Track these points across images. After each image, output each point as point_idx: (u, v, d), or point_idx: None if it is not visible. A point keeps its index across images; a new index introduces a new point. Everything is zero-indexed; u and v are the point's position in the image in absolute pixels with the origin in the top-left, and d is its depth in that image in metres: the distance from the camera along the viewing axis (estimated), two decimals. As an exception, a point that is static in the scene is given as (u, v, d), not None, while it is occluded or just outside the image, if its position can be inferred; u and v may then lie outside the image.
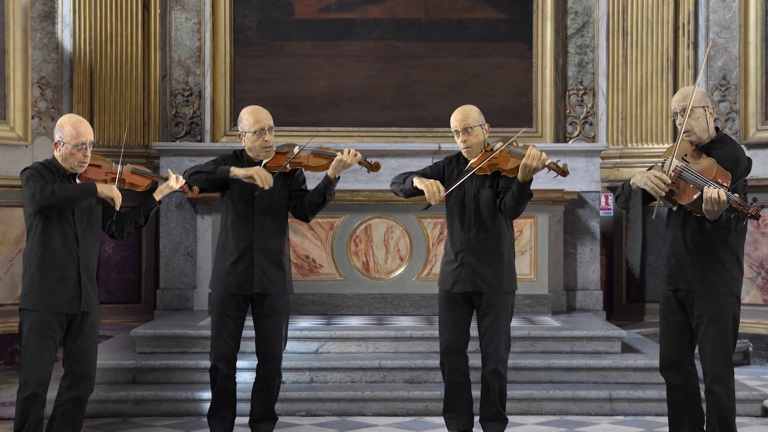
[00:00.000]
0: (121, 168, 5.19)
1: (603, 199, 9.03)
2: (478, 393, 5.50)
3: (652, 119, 9.21)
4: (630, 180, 4.92)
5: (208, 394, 5.80)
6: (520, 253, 8.30)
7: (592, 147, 9.08)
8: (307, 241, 8.46)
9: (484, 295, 5.40)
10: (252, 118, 5.49)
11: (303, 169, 5.62)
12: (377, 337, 7.29)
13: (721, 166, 4.72)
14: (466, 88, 9.27)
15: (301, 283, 8.16)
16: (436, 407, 6.32)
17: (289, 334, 5.69)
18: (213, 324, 5.56)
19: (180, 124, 9.34)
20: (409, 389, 6.71)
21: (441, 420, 5.82)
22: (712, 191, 4.52)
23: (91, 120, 8.77)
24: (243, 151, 5.60)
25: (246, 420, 5.68)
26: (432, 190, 5.30)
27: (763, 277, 8.67)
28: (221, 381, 5.50)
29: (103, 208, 5.19)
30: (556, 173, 5.17)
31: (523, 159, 5.13)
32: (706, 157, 4.80)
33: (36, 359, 4.95)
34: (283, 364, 5.66)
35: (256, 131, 5.47)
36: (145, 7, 9.20)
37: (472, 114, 5.43)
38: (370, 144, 8.91)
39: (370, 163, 5.60)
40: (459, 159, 5.56)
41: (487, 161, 5.31)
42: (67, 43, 8.83)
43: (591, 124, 9.44)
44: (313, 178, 5.74)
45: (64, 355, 5.10)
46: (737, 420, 4.95)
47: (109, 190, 5.04)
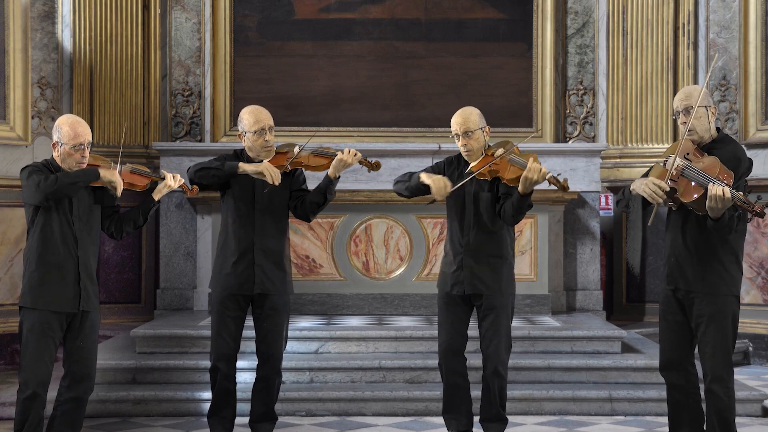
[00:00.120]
0: (119, 167, 5.19)
1: (603, 199, 9.02)
2: (477, 393, 5.50)
3: (652, 119, 9.20)
4: (630, 186, 4.93)
5: (208, 394, 5.80)
6: (520, 253, 8.30)
7: (592, 147, 9.07)
8: (307, 241, 8.45)
9: (484, 296, 5.39)
10: (252, 117, 5.48)
11: (303, 168, 5.61)
12: (377, 337, 7.29)
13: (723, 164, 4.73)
14: (466, 88, 9.26)
15: (301, 283, 8.15)
16: (436, 407, 6.31)
17: (289, 334, 5.68)
18: (213, 324, 5.55)
19: (180, 124, 9.34)
20: (409, 389, 6.71)
21: (441, 420, 5.82)
22: (717, 188, 4.52)
23: (91, 120, 8.77)
24: (243, 150, 5.59)
25: (246, 420, 5.68)
26: (439, 185, 5.30)
27: (763, 277, 8.66)
28: (221, 381, 5.49)
29: (102, 208, 5.19)
30: (557, 188, 5.18)
31: (524, 172, 5.12)
32: (709, 155, 4.80)
33: (36, 359, 4.94)
34: (283, 364, 5.65)
35: (256, 131, 5.46)
36: (145, 7, 9.19)
37: (472, 117, 5.41)
38: (370, 144, 8.90)
39: (371, 162, 5.57)
40: (459, 160, 5.54)
41: (488, 167, 5.30)
42: (67, 43, 8.82)
43: (591, 124, 9.43)
44: (313, 178, 5.73)
45: (64, 355, 5.10)
46: (737, 420, 4.95)
47: (112, 174, 5.04)
